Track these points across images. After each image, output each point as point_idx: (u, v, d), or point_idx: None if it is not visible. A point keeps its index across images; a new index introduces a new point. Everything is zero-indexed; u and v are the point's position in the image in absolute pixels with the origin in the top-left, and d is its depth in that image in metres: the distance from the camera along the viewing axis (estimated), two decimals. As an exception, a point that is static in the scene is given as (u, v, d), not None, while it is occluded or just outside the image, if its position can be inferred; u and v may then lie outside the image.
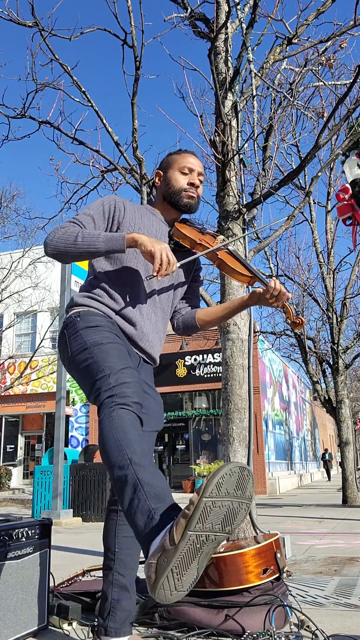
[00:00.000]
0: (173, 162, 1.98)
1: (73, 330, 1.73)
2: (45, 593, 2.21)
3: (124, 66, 4.11)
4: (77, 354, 1.66)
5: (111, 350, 1.64)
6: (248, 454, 3.47)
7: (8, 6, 4.13)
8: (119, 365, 1.58)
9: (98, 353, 1.62)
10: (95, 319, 1.74)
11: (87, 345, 1.65)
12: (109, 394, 1.51)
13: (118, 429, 1.43)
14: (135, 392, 1.54)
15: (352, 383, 25.00)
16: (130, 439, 1.40)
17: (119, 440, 1.40)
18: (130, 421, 1.45)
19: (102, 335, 1.68)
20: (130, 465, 1.33)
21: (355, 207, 4.24)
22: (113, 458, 1.38)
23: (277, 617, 2.09)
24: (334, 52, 4.71)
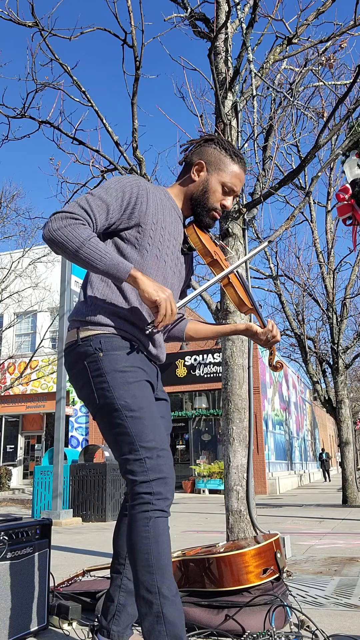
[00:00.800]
0: (222, 169, 1.76)
1: (97, 370, 1.57)
2: (45, 593, 2.21)
3: (124, 66, 4.11)
4: (106, 411, 1.56)
5: (145, 417, 1.54)
6: (248, 454, 3.47)
7: (8, 6, 4.13)
8: (155, 443, 1.52)
9: (131, 422, 1.52)
10: (121, 356, 1.58)
11: (117, 406, 1.54)
12: (146, 490, 1.47)
13: (152, 545, 1.44)
14: (171, 480, 1.51)
15: (352, 383, 25.01)
16: (162, 565, 1.43)
17: (151, 560, 1.43)
18: (164, 536, 1.46)
19: (132, 390, 1.55)
20: (158, 595, 1.40)
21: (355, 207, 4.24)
22: (142, 575, 1.43)
23: (277, 617, 2.09)
24: (334, 52, 4.71)
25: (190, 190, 1.79)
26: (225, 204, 1.79)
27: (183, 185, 1.81)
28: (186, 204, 1.81)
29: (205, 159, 1.78)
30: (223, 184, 1.77)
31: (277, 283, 11.43)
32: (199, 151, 1.80)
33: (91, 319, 1.63)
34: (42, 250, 17.80)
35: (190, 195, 1.79)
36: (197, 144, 1.81)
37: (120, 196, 1.62)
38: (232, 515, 3.36)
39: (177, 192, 1.82)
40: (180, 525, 6.93)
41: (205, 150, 1.79)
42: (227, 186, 1.77)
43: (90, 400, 1.60)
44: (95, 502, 8.53)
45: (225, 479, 3.47)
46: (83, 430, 18.67)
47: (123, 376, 1.56)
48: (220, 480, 14.75)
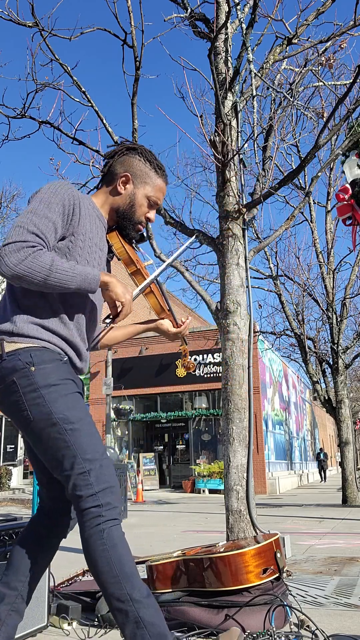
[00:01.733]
0: (147, 182, 1.77)
1: (29, 386, 1.50)
2: (45, 593, 2.21)
3: (124, 66, 4.11)
4: (42, 426, 1.49)
5: (84, 429, 1.50)
6: (248, 454, 3.47)
7: (8, 6, 4.13)
8: (97, 454, 1.49)
9: (70, 436, 1.48)
10: (53, 369, 1.53)
11: (55, 420, 1.48)
12: (94, 503, 1.44)
13: (112, 556, 1.42)
14: (116, 488, 1.48)
15: (352, 383, 25.01)
16: (126, 572, 1.42)
17: (114, 571, 1.42)
18: (122, 543, 1.44)
19: (68, 402, 1.51)
20: (131, 602, 1.40)
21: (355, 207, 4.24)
22: (109, 588, 1.42)
23: (277, 616, 2.09)
24: (334, 52, 4.71)
25: (116, 203, 1.77)
26: (149, 217, 1.80)
27: (108, 196, 1.78)
28: (111, 215, 1.79)
29: (131, 172, 1.76)
30: (148, 197, 1.77)
31: (277, 283, 11.44)
32: (122, 161, 1.78)
33: (19, 331, 1.55)
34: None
35: (116, 207, 1.77)
36: (121, 152, 1.79)
37: (61, 210, 1.58)
38: (232, 515, 3.36)
39: (102, 201, 1.79)
40: (180, 525, 6.93)
41: (130, 162, 1.77)
42: (152, 200, 1.78)
43: (21, 417, 1.52)
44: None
45: (225, 479, 3.47)
46: (83, 430, 18.67)
47: (57, 390, 1.51)
48: (220, 480, 14.75)
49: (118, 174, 1.77)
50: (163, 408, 17.77)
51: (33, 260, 1.45)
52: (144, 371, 17.70)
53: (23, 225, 1.50)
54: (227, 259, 3.83)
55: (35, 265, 1.45)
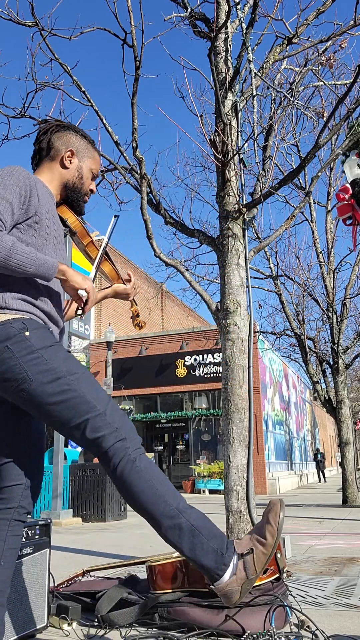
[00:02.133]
0: (90, 156, 1.87)
1: (25, 349, 1.52)
2: (45, 593, 2.21)
3: (124, 66, 4.11)
4: (46, 384, 1.50)
5: (87, 378, 1.56)
6: (248, 454, 3.47)
7: (8, 6, 4.13)
8: (105, 397, 1.55)
9: (77, 384, 1.52)
10: (45, 332, 1.59)
11: (58, 374, 1.51)
12: (117, 439, 1.50)
13: (152, 479, 1.47)
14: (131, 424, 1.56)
15: (352, 383, 25.00)
16: (167, 489, 1.48)
17: (158, 491, 1.46)
18: (155, 466, 1.51)
19: (68, 359, 1.56)
20: (180, 514, 1.45)
21: (355, 207, 4.24)
22: (158, 510, 1.46)
23: (277, 617, 2.09)
24: (334, 52, 4.71)
25: (65, 177, 1.82)
26: (92, 188, 1.90)
27: (55, 171, 1.82)
28: (60, 190, 1.83)
29: (74, 147, 1.83)
30: (92, 170, 1.88)
31: (277, 283, 11.43)
32: (59, 137, 1.83)
33: (7, 305, 1.58)
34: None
35: (65, 182, 1.82)
36: (53, 129, 1.84)
37: (18, 192, 1.60)
38: (232, 515, 3.36)
39: (49, 178, 1.81)
40: (180, 525, 6.91)
41: (68, 138, 1.84)
42: (94, 172, 1.89)
43: (17, 384, 1.51)
44: (95, 502, 8.53)
45: (225, 479, 3.46)
46: (83, 430, 18.66)
47: (54, 349, 1.57)
48: (220, 480, 14.75)
49: (61, 150, 1.82)
50: (163, 408, 17.77)
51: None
52: (144, 371, 17.70)
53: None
54: (227, 258, 3.83)
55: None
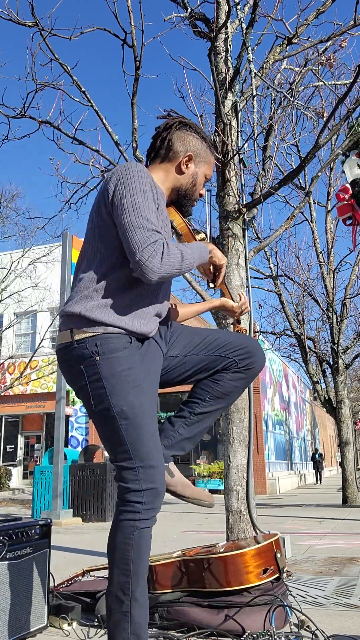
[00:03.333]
0: (206, 162, 1.79)
1: (94, 375, 1.54)
2: (45, 593, 2.21)
3: (124, 66, 4.11)
4: (102, 416, 1.55)
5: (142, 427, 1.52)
6: (248, 454, 3.47)
7: (8, 6, 4.13)
8: (150, 454, 1.52)
9: (125, 431, 1.51)
10: (119, 358, 1.54)
11: (113, 414, 1.52)
12: (137, 499, 1.49)
13: (133, 550, 1.47)
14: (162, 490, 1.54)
15: (352, 383, 25.01)
16: (139, 571, 1.47)
17: (130, 565, 1.47)
18: (146, 545, 1.49)
19: (130, 396, 1.52)
20: (130, 598, 1.46)
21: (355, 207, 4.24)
22: (117, 576, 1.48)
23: (277, 617, 2.09)
24: (334, 52, 4.71)
25: (179, 182, 1.76)
26: (202, 193, 1.84)
27: (170, 174, 1.75)
28: (171, 193, 1.78)
29: (193, 150, 1.75)
30: (206, 176, 1.81)
31: (277, 283, 11.43)
32: (180, 137, 1.75)
33: (86, 318, 1.55)
34: (42, 250, 17.82)
35: (179, 186, 1.76)
36: (176, 127, 1.76)
37: (152, 197, 1.59)
38: (232, 515, 3.36)
39: (162, 178, 1.76)
40: (180, 525, 6.92)
41: (189, 140, 1.76)
42: (207, 177, 1.83)
43: (87, 404, 1.59)
44: (95, 502, 8.53)
45: (225, 479, 3.46)
46: (83, 430, 18.67)
47: (121, 381, 1.52)
48: (220, 480, 14.75)
49: (180, 152, 1.74)
50: (163, 408, 17.76)
51: (168, 257, 1.51)
52: (144, 371, 17.67)
53: (140, 225, 1.50)
54: (227, 258, 3.82)
55: (172, 261, 1.52)
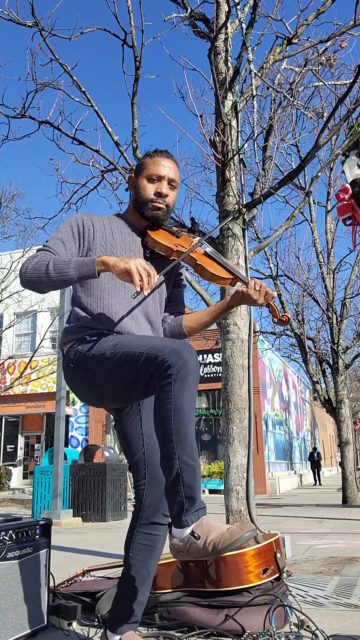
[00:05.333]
0: (144, 168, 1.91)
1: (81, 358, 1.72)
2: (45, 593, 2.21)
3: (124, 66, 4.11)
4: (101, 361, 1.66)
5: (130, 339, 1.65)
6: (248, 454, 3.47)
7: (8, 6, 4.13)
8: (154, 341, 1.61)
9: (121, 347, 1.62)
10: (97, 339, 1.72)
11: (106, 352, 1.65)
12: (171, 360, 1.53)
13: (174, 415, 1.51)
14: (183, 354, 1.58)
15: (352, 383, 24.99)
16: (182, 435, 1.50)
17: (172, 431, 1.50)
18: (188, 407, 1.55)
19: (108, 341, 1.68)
20: (178, 461, 1.47)
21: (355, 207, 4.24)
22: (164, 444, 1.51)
23: (277, 617, 2.09)
24: (334, 52, 4.71)
25: (132, 201, 1.94)
26: (159, 190, 1.87)
27: (130, 205, 1.97)
28: (136, 214, 1.93)
29: (135, 172, 1.96)
30: (148, 176, 1.89)
31: (277, 283, 11.43)
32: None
33: (68, 337, 1.79)
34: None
35: (134, 205, 1.92)
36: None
37: (69, 229, 1.82)
38: (232, 515, 3.36)
39: (128, 213, 1.97)
40: (180, 525, 6.91)
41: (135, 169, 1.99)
42: (153, 176, 1.88)
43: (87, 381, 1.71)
44: (95, 502, 8.52)
45: (225, 479, 3.47)
46: (83, 430, 18.67)
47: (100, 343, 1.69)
48: (220, 480, 14.75)
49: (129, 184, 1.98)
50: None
51: (36, 262, 1.68)
52: (144, 371, 17.67)
53: (38, 249, 1.76)
54: (227, 258, 3.83)
55: (37, 264, 1.66)
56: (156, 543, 1.74)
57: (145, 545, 1.73)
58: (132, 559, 1.73)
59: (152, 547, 1.73)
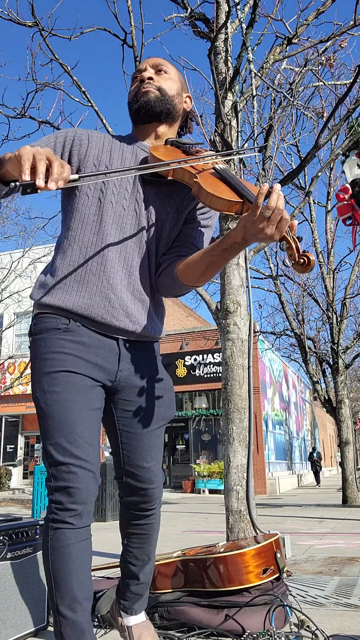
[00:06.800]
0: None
1: (32, 354, 1.48)
2: (45, 593, 2.21)
3: (124, 66, 4.11)
4: (34, 394, 1.46)
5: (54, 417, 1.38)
6: (248, 454, 3.47)
7: (8, 6, 4.14)
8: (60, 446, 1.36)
9: (42, 419, 1.40)
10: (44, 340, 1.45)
11: (37, 393, 1.43)
12: (51, 496, 1.36)
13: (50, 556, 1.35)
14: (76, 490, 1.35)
15: (352, 383, 25.00)
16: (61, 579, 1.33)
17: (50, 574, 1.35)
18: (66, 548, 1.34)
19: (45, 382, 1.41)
20: (57, 614, 1.32)
21: (355, 207, 4.24)
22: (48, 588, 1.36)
23: (277, 617, 2.09)
24: (334, 52, 4.71)
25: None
26: (140, 77, 1.55)
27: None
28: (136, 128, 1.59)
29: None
30: (133, 78, 1.59)
31: (277, 283, 11.43)
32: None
33: (32, 294, 1.52)
34: (42, 250, 17.83)
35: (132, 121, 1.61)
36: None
37: (53, 139, 1.47)
38: (232, 515, 3.36)
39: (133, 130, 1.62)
40: (180, 526, 6.93)
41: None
42: (133, 77, 1.59)
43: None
44: (95, 502, 8.52)
45: (225, 479, 3.47)
46: (83, 430, 18.65)
47: (40, 366, 1.43)
48: (220, 480, 14.76)
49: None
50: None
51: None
52: (144, 371, 17.67)
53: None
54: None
55: None
56: (149, 530, 1.69)
57: (139, 534, 1.70)
58: (127, 546, 1.70)
59: (146, 534, 1.70)
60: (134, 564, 1.70)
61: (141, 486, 1.60)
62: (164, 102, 1.52)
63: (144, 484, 1.60)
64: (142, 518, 1.66)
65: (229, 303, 3.75)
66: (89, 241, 1.46)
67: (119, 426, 1.57)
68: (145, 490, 1.60)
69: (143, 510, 1.64)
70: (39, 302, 1.49)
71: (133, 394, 1.56)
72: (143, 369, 1.57)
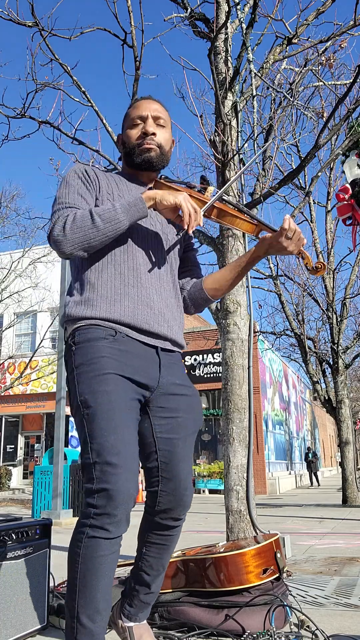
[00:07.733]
0: (126, 118, 1.74)
1: (71, 366, 1.53)
2: (45, 593, 2.21)
3: (124, 66, 4.11)
4: (74, 407, 1.50)
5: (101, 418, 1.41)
6: (248, 454, 3.47)
7: (8, 6, 4.13)
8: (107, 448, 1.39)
9: (87, 421, 1.43)
10: (91, 348, 1.50)
11: (78, 403, 1.46)
12: (90, 500, 1.38)
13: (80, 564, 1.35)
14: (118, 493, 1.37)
15: (352, 383, 24.99)
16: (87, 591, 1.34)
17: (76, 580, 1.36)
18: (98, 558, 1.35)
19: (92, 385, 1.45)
20: (76, 621, 1.34)
21: (355, 207, 4.24)
22: (67, 590, 1.38)
23: (277, 617, 2.09)
24: (334, 52, 4.71)
25: (123, 160, 1.78)
26: (145, 130, 1.69)
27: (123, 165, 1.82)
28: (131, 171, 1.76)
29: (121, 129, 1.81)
30: (131, 121, 1.72)
31: (277, 283, 11.43)
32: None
33: (70, 312, 1.57)
34: (42, 250, 17.82)
35: (125, 163, 1.76)
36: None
37: (79, 181, 1.61)
38: (232, 515, 3.36)
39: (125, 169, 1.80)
40: (180, 525, 6.92)
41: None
42: (134, 120, 1.71)
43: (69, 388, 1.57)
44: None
45: (225, 479, 3.47)
46: (83, 430, 18.65)
47: (87, 370, 1.47)
48: (220, 480, 14.76)
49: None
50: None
51: (73, 223, 1.46)
52: (144, 371, 17.67)
53: (55, 211, 1.55)
54: (227, 259, 3.83)
55: (77, 222, 1.46)
56: (170, 542, 1.70)
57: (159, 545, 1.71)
58: (145, 554, 1.70)
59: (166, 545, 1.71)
60: (148, 573, 1.70)
61: (177, 493, 1.61)
62: (162, 158, 1.72)
63: (180, 490, 1.61)
64: (169, 529, 1.67)
65: (229, 303, 3.75)
66: (121, 258, 1.60)
67: (156, 434, 1.62)
68: (180, 497, 1.62)
69: (173, 520, 1.65)
70: (83, 316, 1.55)
71: (171, 402, 1.62)
72: (178, 378, 1.67)
